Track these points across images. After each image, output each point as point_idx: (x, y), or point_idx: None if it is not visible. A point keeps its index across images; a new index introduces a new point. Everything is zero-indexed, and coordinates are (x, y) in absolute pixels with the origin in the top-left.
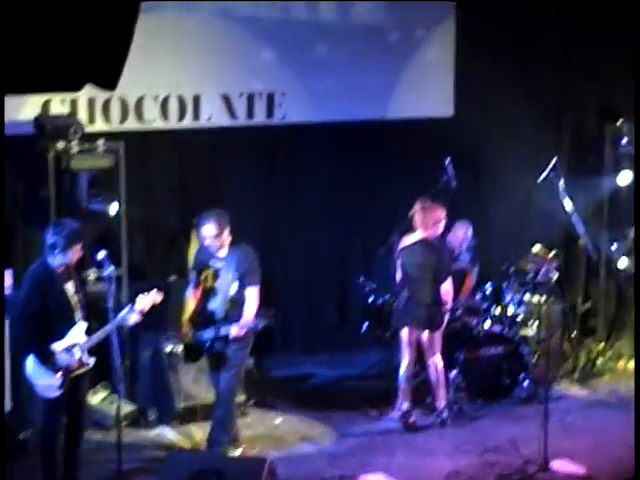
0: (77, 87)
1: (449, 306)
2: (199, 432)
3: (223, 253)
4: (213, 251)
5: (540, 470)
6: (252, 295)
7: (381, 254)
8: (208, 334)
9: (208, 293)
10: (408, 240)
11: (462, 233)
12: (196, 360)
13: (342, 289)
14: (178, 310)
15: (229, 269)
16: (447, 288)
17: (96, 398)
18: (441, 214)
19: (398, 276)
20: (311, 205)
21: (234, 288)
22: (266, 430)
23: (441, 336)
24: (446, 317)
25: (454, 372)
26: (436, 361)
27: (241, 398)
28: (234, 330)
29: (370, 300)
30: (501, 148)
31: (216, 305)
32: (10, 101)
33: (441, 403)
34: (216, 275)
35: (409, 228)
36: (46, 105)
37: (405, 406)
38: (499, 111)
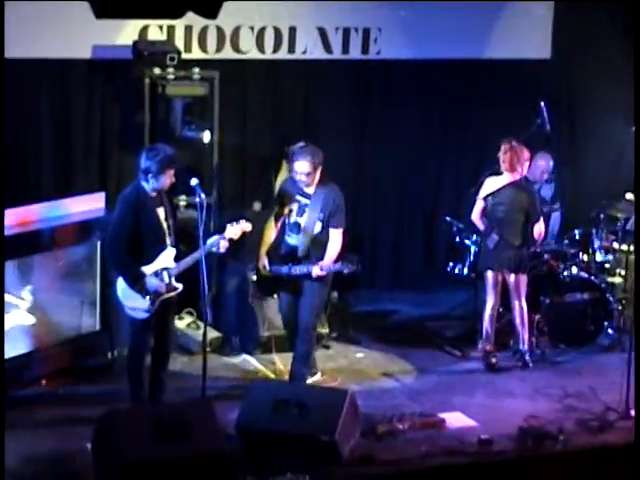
0: (178, 14)
1: (539, 247)
2: (281, 361)
3: (311, 190)
4: (302, 186)
5: (621, 418)
6: (336, 236)
7: (471, 194)
8: (287, 269)
9: (291, 228)
10: (496, 183)
11: (543, 163)
12: (269, 294)
13: (430, 228)
14: (259, 240)
15: (315, 207)
16: (540, 228)
17: (182, 323)
18: (526, 154)
19: (480, 219)
20: (402, 142)
21: (318, 227)
22: (348, 363)
23: (527, 279)
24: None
25: (538, 316)
26: (521, 304)
27: (324, 331)
28: (315, 270)
29: (457, 240)
30: (598, 93)
31: (299, 242)
32: (109, 25)
33: (524, 346)
34: (301, 211)
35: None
36: (144, 31)
37: (488, 347)
38: (597, 55)
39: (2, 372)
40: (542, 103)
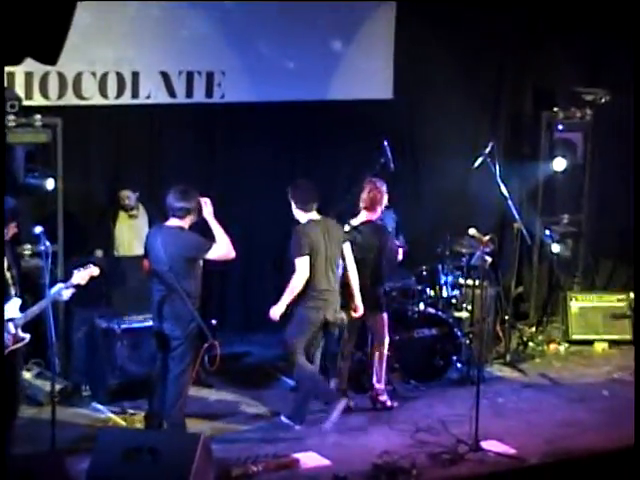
0: (16, 61)
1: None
2: (133, 409)
3: None
4: None
5: (471, 450)
6: None
7: None
8: None
9: None
10: (352, 222)
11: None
12: None
13: (280, 269)
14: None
15: None
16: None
17: (29, 374)
18: (384, 195)
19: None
20: (248, 185)
21: None
22: (200, 407)
23: (382, 317)
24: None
25: (388, 353)
26: (379, 341)
27: None
28: None
29: None
30: (439, 132)
31: None
32: None
33: (379, 383)
34: None
35: (348, 209)
36: None
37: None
38: (437, 95)
39: (3, 374)
40: (385, 142)
